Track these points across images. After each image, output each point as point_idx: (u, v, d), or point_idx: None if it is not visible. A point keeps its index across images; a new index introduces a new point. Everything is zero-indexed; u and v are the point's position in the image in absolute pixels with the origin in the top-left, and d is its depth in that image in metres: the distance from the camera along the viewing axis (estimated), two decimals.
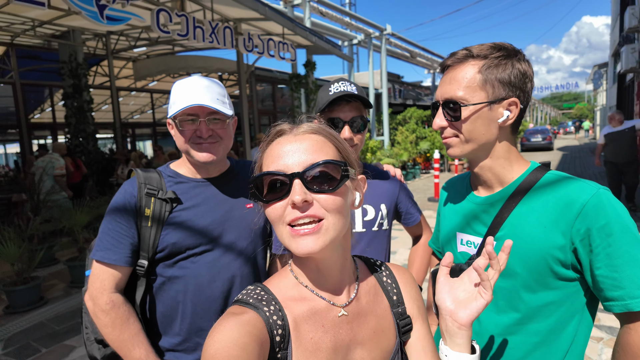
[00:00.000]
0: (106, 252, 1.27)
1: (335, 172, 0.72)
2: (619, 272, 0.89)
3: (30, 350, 3.54)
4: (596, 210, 0.91)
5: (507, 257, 0.80)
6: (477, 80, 1.01)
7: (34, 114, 12.72)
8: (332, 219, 0.71)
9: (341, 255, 0.78)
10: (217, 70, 13.26)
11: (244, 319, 0.68)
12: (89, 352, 1.39)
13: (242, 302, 0.74)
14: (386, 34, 15.19)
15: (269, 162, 0.74)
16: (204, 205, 1.36)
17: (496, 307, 1.06)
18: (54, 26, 8.92)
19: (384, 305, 0.85)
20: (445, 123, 1.06)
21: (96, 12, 4.86)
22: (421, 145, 15.09)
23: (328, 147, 0.75)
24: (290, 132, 0.77)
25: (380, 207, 1.56)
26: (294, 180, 0.70)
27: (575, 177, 1.02)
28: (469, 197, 1.17)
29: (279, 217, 0.71)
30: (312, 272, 0.78)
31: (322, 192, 0.71)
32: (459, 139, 1.06)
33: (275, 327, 0.70)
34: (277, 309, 0.73)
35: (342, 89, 1.43)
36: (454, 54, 1.06)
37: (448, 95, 1.03)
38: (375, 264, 0.92)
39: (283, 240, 0.73)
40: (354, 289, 0.82)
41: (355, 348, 0.77)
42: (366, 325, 0.80)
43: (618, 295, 0.89)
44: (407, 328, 0.86)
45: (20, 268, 4.42)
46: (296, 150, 0.73)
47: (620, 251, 0.89)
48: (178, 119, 1.30)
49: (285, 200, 0.71)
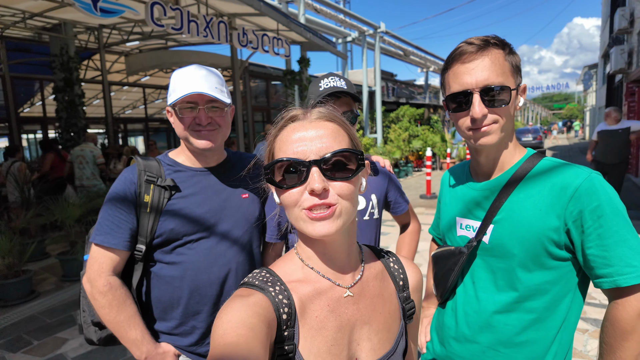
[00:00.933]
0: (106, 236, 1.30)
1: (350, 161, 0.74)
2: (608, 251, 0.94)
3: (21, 342, 3.53)
4: (588, 193, 0.96)
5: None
6: (508, 67, 1.05)
7: (24, 108, 12.53)
8: (346, 204, 0.73)
9: (348, 239, 0.80)
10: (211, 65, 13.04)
11: (250, 300, 0.69)
12: (85, 335, 1.42)
13: (248, 285, 0.75)
14: (380, 31, 15.22)
15: (284, 147, 0.74)
16: (202, 194, 1.39)
17: (496, 286, 1.10)
18: (45, 19, 8.78)
19: (391, 289, 0.87)
20: (486, 110, 1.03)
21: (89, 4, 4.81)
22: (414, 143, 15.18)
23: (342, 135, 0.76)
24: (305, 117, 0.77)
25: (370, 197, 1.62)
26: (312, 167, 0.70)
27: (569, 163, 1.07)
28: (468, 184, 1.22)
29: (295, 202, 0.72)
30: (318, 255, 0.79)
31: (338, 180, 0.72)
32: (498, 125, 1.05)
33: (282, 305, 0.72)
34: (283, 289, 0.75)
35: (332, 84, 1.47)
36: (470, 42, 1.05)
37: (489, 81, 1.02)
38: (382, 251, 0.94)
39: (297, 222, 0.74)
40: (360, 271, 0.84)
41: (362, 327, 0.79)
42: (373, 307, 0.82)
43: (607, 272, 0.95)
44: (411, 312, 0.88)
45: (11, 262, 4.39)
46: (313, 137, 0.73)
47: (610, 232, 0.94)
48: (177, 106, 1.32)
49: (302, 186, 0.71)
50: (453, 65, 1.07)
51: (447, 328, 1.21)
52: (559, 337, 1.07)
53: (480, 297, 1.12)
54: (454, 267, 1.16)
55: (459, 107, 1.07)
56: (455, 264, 1.15)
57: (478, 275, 1.14)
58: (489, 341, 1.11)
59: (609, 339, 0.98)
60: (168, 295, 1.36)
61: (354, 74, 20.36)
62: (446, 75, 1.11)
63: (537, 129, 24.75)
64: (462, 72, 1.05)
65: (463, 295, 1.18)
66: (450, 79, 1.08)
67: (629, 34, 13.51)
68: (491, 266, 1.11)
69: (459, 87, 1.06)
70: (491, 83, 1.02)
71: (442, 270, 1.21)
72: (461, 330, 1.16)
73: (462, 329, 1.16)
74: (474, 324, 1.13)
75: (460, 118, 1.09)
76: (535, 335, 1.07)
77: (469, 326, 1.14)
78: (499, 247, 1.08)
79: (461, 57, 1.05)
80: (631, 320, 0.93)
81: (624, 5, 13.80)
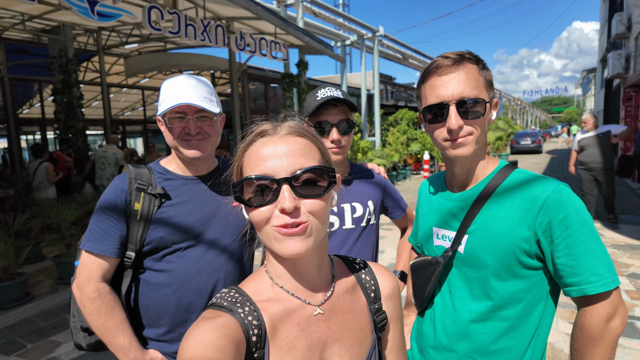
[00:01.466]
0: (95, 243, 1.32)
1: (322, 178, 0.73)
2: (576, 261, 0.97)
3: (15, 345, 3.53)
4: (556, 205, 1.00)
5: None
6: (482, 81, 1.08)
7: (23, 109, 12.56)
8: (317, 222, 0.72)
9: (318, 254, 0.79)
10: (209, 68, 13.23)
11: (219, 322, 0.68)
12: (75, 340, 1.43)
13: (216, 306, 0.74)
14: (379, 35, 15.28)
15: (253, 164, 0.72)
16: (192, 202, 1.40)
17: (472, 296, 1.13)
18: (44, 21, 8.82)
19: (361, 303, 0.86)
20: (462, 122, 1.05)
21: (87, 8, 4.84)
22: (412, 146, 15.21)
23: (314, 151, 0.75)
24: (275, 132, 0.75)
25: (367, 204, 1.65)
26: (283, 185, 0.69)
27: (539, 175, 1.10)
28: (444, 194, 1.24)
29: (265, 220, 0.71)
30: (288, 272, 0.78)
31: (309, 197, 0.71)
32: (473, 137, 1.08)
33: (251, 327, 0.71)
34: (253, 309, 0.73)
35: (329, 94, 1.51)
36: (446, 56, 1.07)
37: (464, 94, 1.04)
38: (354, 262, 0.93)
39: (268, 241, 0.72)
40: (330, 287, 0.82)
41: (332, 345, 0.78)
42: (343, 323, 0.81)
43: (575, 281, 0.98)
44: (382, 324, 0.87)
45: (6, 264, 4.40)
46: (283, 153, 0.71)
47: (577, 241, 0.97)
48: (167, 116, 1.34)
49: (272, 204, 0.70)
50: (430, 78, 1.10)
51: (426, 337, 1.23)
52: (532, 344, 1.09)
53: (457, 307, 1.14)
54: (431, 277, 1.18)
55: (435, 119, 1.09)
56: (432, 273, 1.17)
57: (454, 284, 1.16)
58: (466, 350, 1.13)
59: (578, 345, 1.01)
60: (156, 302, 1.38)
61: (353, 77, 20.41)
62: (422, 87, 1.13)
63: (536, 132, 24.81)
64: (439, 85, 1.07)
65: (441, 304, 1.20)
66: (427, 91, 1.11)
67: (626, 39, 13.58)
68: (467, 276, 1.13)
69: (436, 99, 1.08)
70: (467, 96, 1.05)
71: (419, 280, 1.23)
72: (439, 339, 1.18)
73: (440, 338, 1.18)
74: (451, 332, 1.15)
75: (436, 129, 1.11)
76: (510, 343, 1.09)
77: (447, 335, 1.16)
78: (473, 257, 1.10)
79: (437, 70, 1.07)
80: (599, 327, 0.96)
81: (622, 10, 13.87)
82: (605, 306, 0.96)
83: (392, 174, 13.51)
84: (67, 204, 5.20)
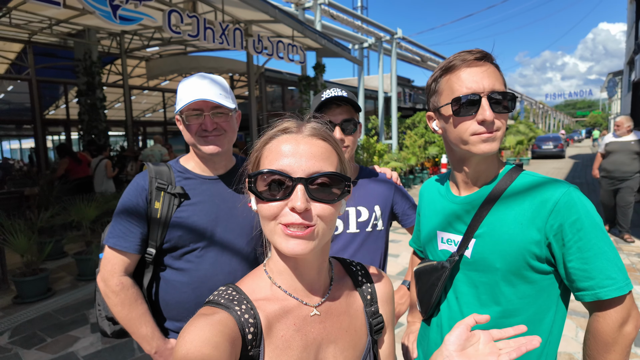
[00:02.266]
0: (118, 239, 1.38)
1: (336, 185, 0.72)
2: (589, 264, 0.95)
3: (35, 339, 3.64)
4: (567, 207, 0.97)
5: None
6: (503, 79, 1.07)
7: (49, 111, 12.99)
8: (324, 226, 0.72)
9: (320, 257, 0.79)
10: (228, 71, 13.40)
11: (215, 319, 0.68)
12: (100, 327, 1.51)
13: (213, 303, 0.75)
14: (397, 37, 15.19)
15: (272, 158, 0.73)
16: (210, 202, 1.44)
17: (479, 301, 1.10)
18: (70, 25, 9.12)
19: (357, 305, 0.86)
20: (493, 115, 1.01)
21: (109, 12, 4.98)
22: (430, 149, 15.03)
23: (334, 156, 0.75)
24: (298, 131, 0.75)
25: (374, 209, 1.61)
26: (298, 185, 0.69)
27: (548, 177, 1.07)
28: (448, 197, 1.21)
29: (273, 215, 0.71)
30: (288, 272, 0.78)
31: (321, 202, 0.71)
32: (500, 132, 1.04)
33: (247, 325, 0.71)
34: (249, 307, 0.74)
35: (333, 94, 1.52)
36: (471, 51, 1.05)
37: (495, 87, 1.02)
38: (352, 264, 0.93)
39: (272, 236, 0.72)
40: (328, 289, 0.83)
41: (327, 347, 0.79)
42: (339, 325, 0.81)
43: (588, 285, 0.95)
44: (378, 327, 0.87)
45: (30, 259, 4.54)
46: (303, 153, 0.71)
47: (589, 244, 0.95)
48: (184, 114, 1.38)
49: (284, 201, 0.70)
50: (456, 70, 1.05)
51: (433, 344, 1.20)
52: (545, 351, 1.06)
53: (464, 313, 1.12)
54: (437, 283, 1.15)
55: (465, 111, 1.03)
56: (438, 279, 1.15)
57: (461, 290, 1.14)
58: None
59: (591, 351, 0.98)
60: (176, 299, 1.42)
61: (370, 80, 20.34)
62: (446, 79, 1.08)
63: (558, 136, 24.18)
64: (469, 77, 1.03)
65: (447, 311, 1.17)
66: (454, 83, 1.05)
67: None
68: (474, 281, 1.10)
69: (467, 90, 1.02)
70: (498, 89, 1.03)
71: (425, 286, 1.20)
72: None
73: None
74: None
75: (462, 123, 1.04)
76: None
77: None
78: (481, 262, 1.08)
79: (465, 62, 1.04)
80: (612, 332, 0.93)
81: None
82: (619, 311, 0.94)
83: (409, 177, 13.37)
84: (88, 202, 5.34)
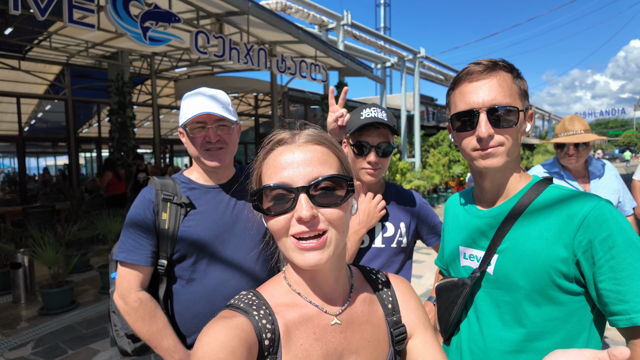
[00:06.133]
0: (128, 253, 1.38)
1: (340, 186, 0.71)
2: (622, 286, 0.86)
3: (58, 351, 3.69)
4: (598, 222, 0.90)
5: None
6: (515, 89, 1.02)
7: (82, 129, 13.60)
8: (336, 231, 0.71)
9: (337, 265, 0.78)
10: (253, 90, 13.72)
11: (232, 323, 0.68)
12: (120, 347, 1.50)
13: (233, 307, 0.74)
14: (420, 57, 15.23)
15: (271, 172, 0.72)
16: (215, 210, 1.46)
17: (502, 322, 1.03)
18: (104, 47, 9.62)
19: (379, 314, 0.83)
20: (492, 131, 0.99)
21: (140, 34, 5.22)
22: (454, 168, 14.77)
23: (332, 159, 0.74)
24: (292, 141, 0.74)
25: (399, 225, 1.60)
26: (300, 194, 0.68)
27: (577, 190, 1.01)
28: (471, 211, 1.16)
29: (283, 229, 0.70)
30: (306, 280, 0.77)
31: (327, 206, 0.70)
32: (504, 148, 1.01)
33: (265, 330, 0.70)
34: (267, 313, 0.73)
35: (373, 115, 1.50)
36: (478, 62, 1.03)
37: (496, 101, 0.99)
38: (372, 272, 0.90)
39: (287, 252, 0.72)
40: (348, 297, 0.81)
41: (349, 358, 0.75)
42: (360, 335, 0.78)
43: (623, 309, 0.86)
44: (401, 337, 0.83)
45: (56, 272, 4.67)
46: (300, 161, 0.71)
47: (623, 264, 0.86)
48: (188, 127, 1.42)
49: (290, 213, 0.69)
50: (460, 85, 1.05)
51: None
52: None
53: (485, 334, 1.05)
54: (457, 300, 1.09)
55: (464, 127, 1.03)
56: (458, 296, 1.09)
57: (482, 309, 1.07)
58: None
59: None
60: (191, 312, 1.42)
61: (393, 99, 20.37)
62: (452, 94, 1.08)
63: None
64: (469, 92, 1.02)
65: (467, 331, 1.11)
66: (457, 98, 1.05)
67: None
68: (496, 299, 1.04)
69: (465, 106, 1.02)
70: (498, 103, 0.99)
71: (445, 303, 1.14)
72: None
73: None
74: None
75: (464, 138, 1.04)
76: None
77: None
78: (503, 279, 1.01)
79: (469, 77, 1.02)
80: None
81: None
82: None
83: (433, 196, 13.13)
84: (114, 217, 5.48)
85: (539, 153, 20.94)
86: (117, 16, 5.02)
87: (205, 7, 6.90)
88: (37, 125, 13.23)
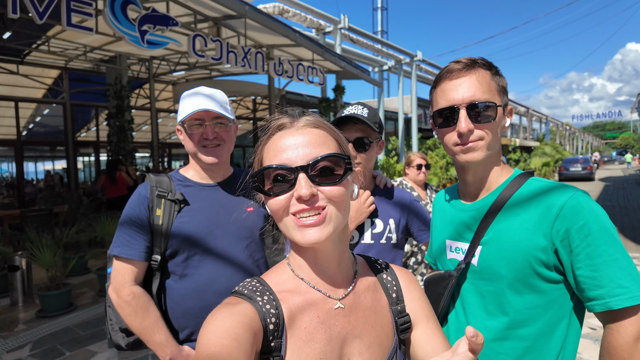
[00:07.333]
0: (123, 247, 1.41)
1: (338, 165, 0.74)
2: (598, 272, 0.90)
3: (55, 353, 3.70)
4: (574, 212, 0.94)
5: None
6: (494, 86, 1.06)
7: (80, 133, 13.61)
8: (335, 209, 0.72)
9: (339, 247, 0.79)
10: (251, 94, 13.78)
11: (236, 310, 0.69)
12: (114, 341, 1.52)
13: (237, 294, 0.76)
14: (417, 60, 15.30)
15: (271, 155, 0.75)
16: (209, 208, 1.48)
17: (486, 311, 1.06)
18: (103, 51, 9.67)
19: (383, 302, 0.84)
20: (472, 126, 1.03)
21: (137, 37, 5.26)
22: (452, 171, 14.80)
23: (330, 140, 0.77)
24: (292, 125, 0.77)
25: (388, 222, 1.62)
26: (299, 173, 0.71)
27: (556, 182, 1.04)
28: (456, 205, 1.20)
29: (282, 208, 0.72)
30: (309, 265, 0.79)
31: (327, 185, 0.72)
32: (484, 142, 1.05)
33: (269, 315, 0.71)
34: (272, 299, 0.74)
35: (353, 111, 1.54)
36: (458, 61, 1.07)
37: (475, 97, 1.03)
38: (377, 262, 0.92)
39: (287, 230, 0.74)
40: (351, 282, 0.82)
41: (352, 341, 0.77)
42: (364, 320, 0.80)
43: (598, 294, 0.90)
44: (405, 326, 0.84)
45: (54, 274, 4.67)
46: (299, 143, 0.73)
47: (598, 250, 0.90)
48: (187, 123, 1.44)
49: (289, 192, 0.72)
50: (441, 83, 1.09)
51: None
52: None
53: (471, 324, 1.08)
54: (443, 292, 1.12)
55: (446, 123, 1.07)
56: (444, 288, 1.12)
57: (468, 300, 1.10)
58: None
59: None
60: (182, 307, 1.44)
61: (390, 102, 20.44)
62: (434, 92, 1.12)
63: (587, 158, 23.42)
64: (449, 89, 1.06)
65: (455, 322, 1.14)
66: (438, 95, 1.10)
67: None
68: (480, 290, 1.07)
69: (446, 102, 1.06)
70: (477, 99, 1.03)
71: (432, 296, 1.17)
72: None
73: None
74: None
75: (446, 134, 1.09)
76: None
77: None
78: (487, 269, 1.04)
79: (449, 75, 1.07)
80: (627, 346, 0.87)
81: None
82: (634, 323, 0.87)
83: None
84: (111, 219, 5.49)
85: (537, 155, 21.03)
86: (115, 19, 5.06)
87: (202, 11, 6.95)
88: (36, 129, 13.24)
